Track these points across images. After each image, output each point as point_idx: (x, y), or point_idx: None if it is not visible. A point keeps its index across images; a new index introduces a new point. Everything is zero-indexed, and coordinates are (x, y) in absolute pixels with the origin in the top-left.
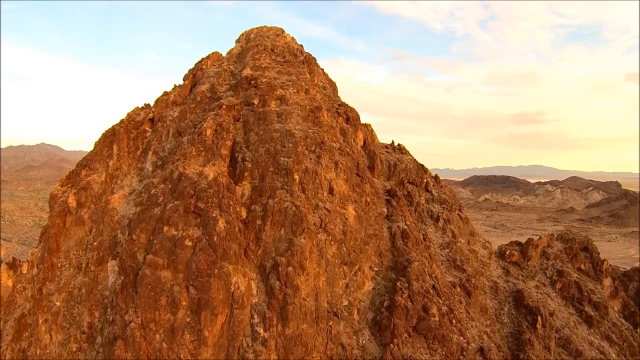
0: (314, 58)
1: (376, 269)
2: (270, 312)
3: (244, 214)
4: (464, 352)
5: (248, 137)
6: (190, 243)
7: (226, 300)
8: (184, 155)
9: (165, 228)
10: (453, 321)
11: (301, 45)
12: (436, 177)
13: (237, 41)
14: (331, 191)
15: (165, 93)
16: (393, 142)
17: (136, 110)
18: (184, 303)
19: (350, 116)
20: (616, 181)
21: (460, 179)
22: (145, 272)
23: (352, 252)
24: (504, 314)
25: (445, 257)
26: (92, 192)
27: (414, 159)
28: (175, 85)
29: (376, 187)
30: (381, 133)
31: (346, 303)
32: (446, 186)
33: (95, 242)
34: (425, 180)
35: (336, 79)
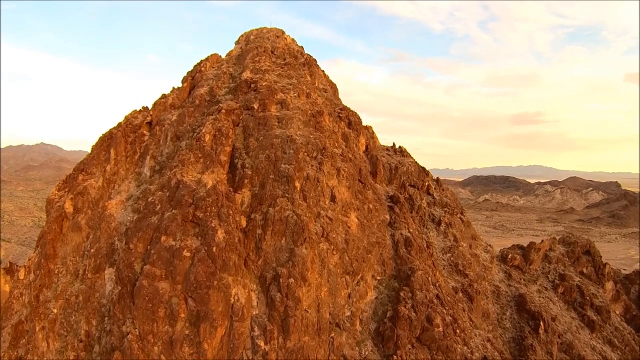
0: (315, 60)
1: (379, 278)
2: (271, 325)
3: (244, 223)
4: None
5: (248, 143)
6: (188, 254)
7: (226, 312)
8: (182, 161)
9: (162, 238)
10: (457, 331)
11: (301, 46)
12: (437, 180)
13: (237, 43)
14: (333, 199)
15: (163, 96)
16: (394, 145)
17: (134, 113)
18: (183, 315)
19: (352, 120)
20: (616, 181)
21: (460, 179)
22: (142, 283)
23: (355, 262)
24: (506, 319)
25: (447, 262)
26: (89, 198)
27: (415, 162)
28: (173, 87)
29: (379, 193)
30: (381, 133)
31: (348, 313)
32: (447, 189)
33: (92, 249)
34: (426, 183)
35: (336, 80)
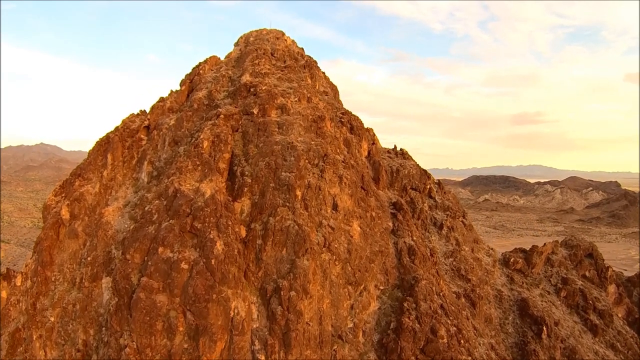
0: (315, 61)
1: (382, 288)
2: (272, 339)
3: (243, 233)
4: None
5: (247, 150)
6: (186, 266)
7: (225, 326)
8: (180, 169)
9: (160, 249)
10: (461, 341)
11: (302, 48)
12: (439, 183)
13: (236, 44)
14: (335, 207)
15: (161, 99)
16: (395, 147)
17: (131, 117)
18: (181, 329)
19: (354, 125)
20: (616, 181)
21: (459, 179)
22: (139, 296)
23: (357, 272)
24: (509, 324)
25: (449, 267)
26: (86, 204)
27: (417, 164)
28: (171, 90)
29: (381, 200)
30: (380, 133)
31: (351, 325)
32: (449, 192)
33: (89, 257)
34: (428, 186)
35: (336, 80)
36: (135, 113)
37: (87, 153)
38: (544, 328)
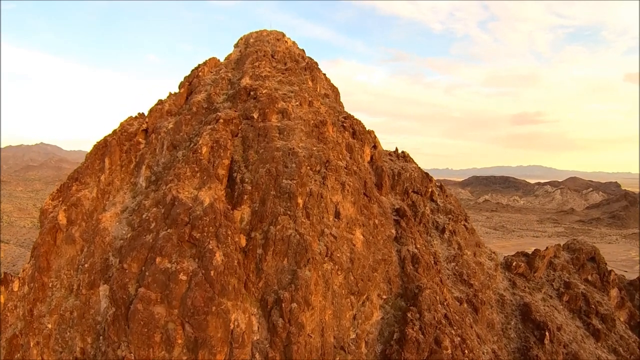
0: (316, 63)
1: (385, 297)
2: (273, 351)
3: (243, 242)
4: None
5: (247, 156)
6: (185, 277)
7: (225, 338)
8: (178, 176)
9: (157, 259)
10: (465, 351)
11: (302, 50)
12: (441, 186)
13: (236, 46)
14: (337, 215)
15: (159, 102)
16: (397, 150)
17: (129, 120)
18: (180, 341)
19: (356, 130)
20: (616, 181)
21: (459, 179)
22: (137, 307)
23: (360, 281)
24: (511, 329)
25: (451, 271)
26: (83, 209)
27: (419, 167)
28: (170, 93)
29: (384, 207)
30: (380, 134)
31: (354, 336)
32: (451, 195)
33: (86, 264)
34: (430, 189)
35: (336, 80)
36: (133, 116)
37: (85, 156)
38: (547, 333)
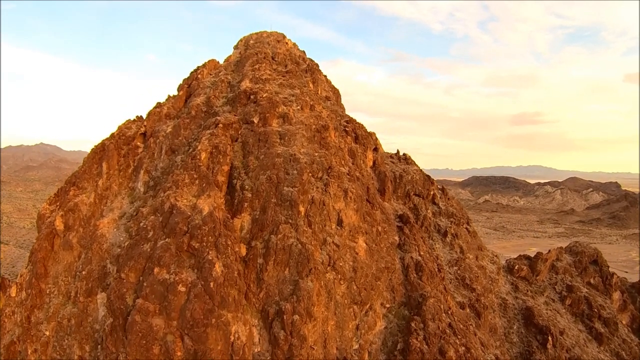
0: (317, 64)
1: (388, 306)
2: None
3: (244, 251)
4: None
5: (247, 162)
6: (183, 289)
7: (225, 351)
8: (176, 183)
9: (156, 269)
10: None
11: (303, 51)
12: (443, 189)
13: (236, 47)
14: (340, 223)
15: (158, 105)
16: (398, 152)
17: (127, 123)
18: (179, 353)
19: (358, 134)
20: (616, 182)
21: (459, 180)
22: (135, 319)
23: (363, 290)
24: (513, 333)
25: (453, 275)
26: (81, 215)
27: (420, 170)
28: (169, 95)
29: (387, 213)
30: (380, 134)
31: (356, 347)
32: (453, 198)
33: (84, 271)
34: (432, 192)
35: (336, 80)
36: (131, 119)
37: (83, 160)
38: (549, 338)
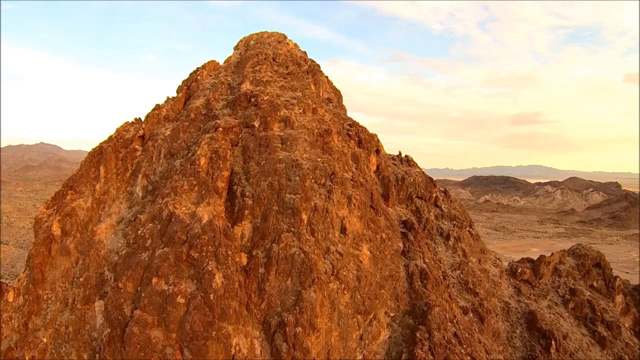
0: (318, 65)
1: (392, 315)
2: None
3: (244, 261)
4: None
5: (248, 167)
6: (183, 300)
7: None
8: (175, 189)
9: (154, 280)
10: None
11: (304, 52)
12: (445, 191)
13: (236, 48)
14: (344, 231)
15: (157, 107)
16: (400, 154)
17: (125, 126)
18: None
19: (362, 138)
20: (616, 182)
21: (459, 179)
22: (133, 330)
23: (367, 299)
24: (516, 337)
25: (456, 280)
26: (78, 220)
27: (423, 172)
28: (168, 97)
29: (391, 219)
30: (380, 134)
31: (360, 357)
32: (455, 200)
33: (81, 278)
34: (434, 194)
35: (336, 80)
36: (129, 122)
37: (80, 164)
38: (553, 342)
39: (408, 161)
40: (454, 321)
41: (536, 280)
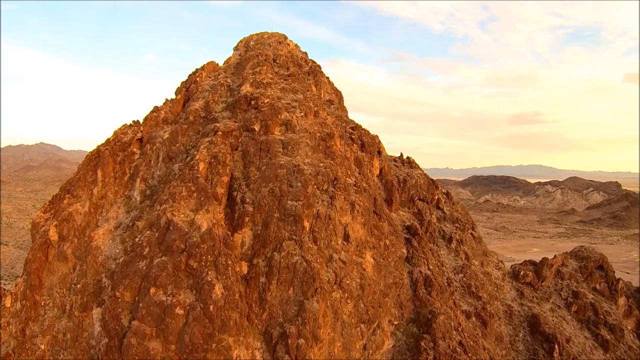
0: (319, 66)
1: (396, 323)
2: None
3: (245, 269)
4: None
5: (248, 172)
6: (181, 311)
7: None
8: (173, 195)
9: (152, 290)
10: None
11: (305, 52)
12: (447, 193)
13: (236, 49)
14: (347, 238)
15: (155, 109)
16: (402, 155)
17: (123, 128)
18: None
19: (365, 141)
20: (616, 181)
21: (459, 179)
22: (131, 341)
23: (371, 308)
24: (519, 341)
25: (459, 283)
26: (75, 225)
27: (424, 174)
28: (166, 99)
29: (395, 225)
30: (380, 134)
31: None
32: (457, 202)
33: (79, 284)
34: (436, 196)
35: (336, 80)
36: (127, 124)
37: (77, 167)
38: (556, 346)
39: (410, 163)
40: (459, 329)
41: (539, 283)
